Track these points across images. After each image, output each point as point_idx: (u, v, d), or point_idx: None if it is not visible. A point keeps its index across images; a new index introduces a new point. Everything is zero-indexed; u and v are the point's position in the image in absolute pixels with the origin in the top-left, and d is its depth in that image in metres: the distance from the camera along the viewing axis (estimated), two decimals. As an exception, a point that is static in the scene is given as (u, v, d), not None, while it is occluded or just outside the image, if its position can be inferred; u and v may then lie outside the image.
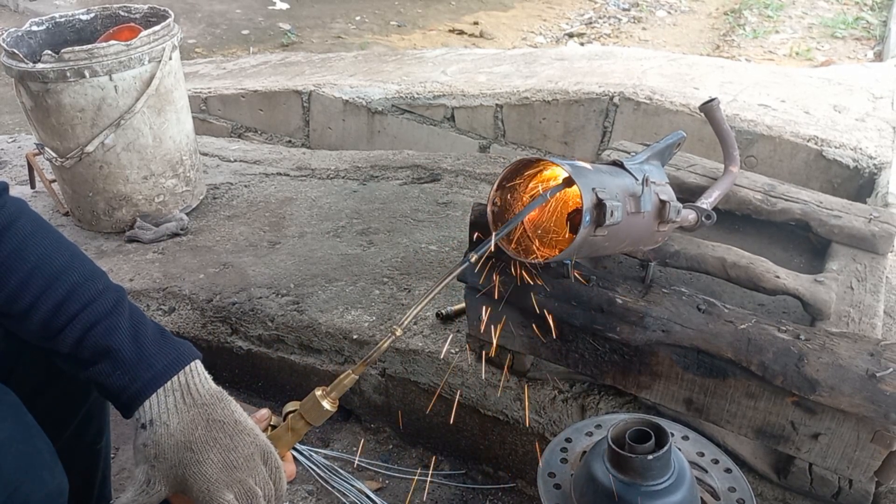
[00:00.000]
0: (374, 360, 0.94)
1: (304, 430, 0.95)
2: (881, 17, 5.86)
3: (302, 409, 0.94)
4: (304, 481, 1.59)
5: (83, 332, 0.85)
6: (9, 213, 0.88)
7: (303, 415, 0.94)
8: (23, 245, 0.87)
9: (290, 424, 0.94)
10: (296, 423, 0.94)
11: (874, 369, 1.05)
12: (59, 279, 0.86)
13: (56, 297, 0.85)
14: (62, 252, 0.89)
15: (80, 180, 2.11)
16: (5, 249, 0.85)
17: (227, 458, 0.85)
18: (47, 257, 0.87)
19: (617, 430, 0.90)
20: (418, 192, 2.33)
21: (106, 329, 0.85)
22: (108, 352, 0.84)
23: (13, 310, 0.85)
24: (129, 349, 0.85)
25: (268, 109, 3.70)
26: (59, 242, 0.90)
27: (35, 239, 0.88)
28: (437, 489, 1.56)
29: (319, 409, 0.93)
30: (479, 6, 6.94)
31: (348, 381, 0.94)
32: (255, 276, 1.89)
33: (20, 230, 0.88)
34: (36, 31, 2.17)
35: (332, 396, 0.94)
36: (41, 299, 0.85)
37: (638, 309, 1.20)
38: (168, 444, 0.84)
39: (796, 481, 1.21)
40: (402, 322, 0.93)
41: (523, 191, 1.15)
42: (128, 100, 2.00)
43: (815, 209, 1.48)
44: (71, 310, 0.85)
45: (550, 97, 3.02)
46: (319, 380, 1.72)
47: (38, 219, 0.92)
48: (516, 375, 1.47)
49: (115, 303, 0.87)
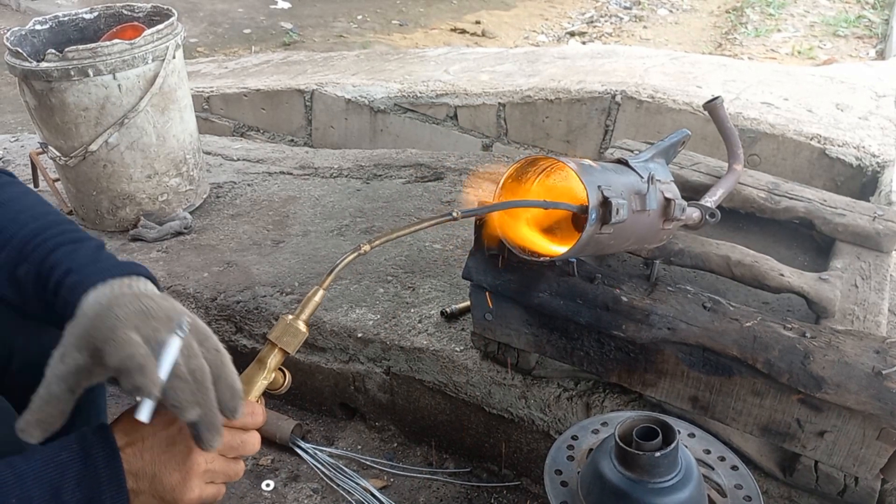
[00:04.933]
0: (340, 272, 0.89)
1: (278, 363, 0.89)
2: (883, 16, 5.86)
3: (273, 337, 0.88)
4: (309, 479, 1.59)
5: (49, 252, 0.89)
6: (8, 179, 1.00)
7: (276, 342, 0.88)
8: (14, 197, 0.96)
9: (261, 357, 0.88)
10: (267, 356, 0.88)
11: (880, 367, 1.05)
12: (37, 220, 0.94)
13: (28, 231, 0.92)
14: (43, 205, 0.99)
15: (83, 179, 2.12)
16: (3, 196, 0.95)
17: (144, 306, 0.78)
18: (28, 207, 0.96)
19: (624, 428, 0.90)
20: (422, 191, 2.33)
21: (72, 249, 0.90)
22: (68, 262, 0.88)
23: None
24: (85, 261, 0.88)
25: (270, 108, 3.70)
26: (42, 201, 1.00)
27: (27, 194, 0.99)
28: (442, 487, 1.56)
29: (294, 333, 0.88)
30: (480, 5, 6.95)
31: (318, 297, 0.90)
32: (259, 275, 1.89)
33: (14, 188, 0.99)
34: (39, 30, 2.17)
35: (304, 317, 0.90)
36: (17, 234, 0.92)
37: (644, 307, 1.20)
38: (88, 308, 0.80)
39: (802, 479, 1.21)
40: (372, 241, 0.91)
41: (528, 190, 1.15)
42: (131, 98, 2.00)
43: (819, 207, 1.48)
44: (44, 237, 0.91)
45: (553, 96, 3.02)
46: (324, 378, 1.72)
47: (29, 189, 1.02)
48: (521, 373, 1.47)
49: (86, 237, 0.94)
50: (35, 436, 0.72)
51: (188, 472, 0.78)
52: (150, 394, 0.72)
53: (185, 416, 0.74)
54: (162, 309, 0.78)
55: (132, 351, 0.72)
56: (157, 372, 0.72)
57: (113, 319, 0.75)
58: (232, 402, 0.78)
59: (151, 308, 0.78)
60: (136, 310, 0.77)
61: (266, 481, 1.58)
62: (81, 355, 0.74)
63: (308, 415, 1.79)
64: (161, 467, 0.77)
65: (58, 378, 0.74)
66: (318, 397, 1.77)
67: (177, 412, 0.74)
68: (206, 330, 0.81)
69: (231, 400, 0.78)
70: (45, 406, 0.73)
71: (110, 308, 0.77)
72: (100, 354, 0.73)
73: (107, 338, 0.73)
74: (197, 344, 0.78)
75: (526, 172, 1.14)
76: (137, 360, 0.72)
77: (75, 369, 0.74)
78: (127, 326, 0.75)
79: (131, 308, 0.77)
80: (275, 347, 0.89)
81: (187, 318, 0.78)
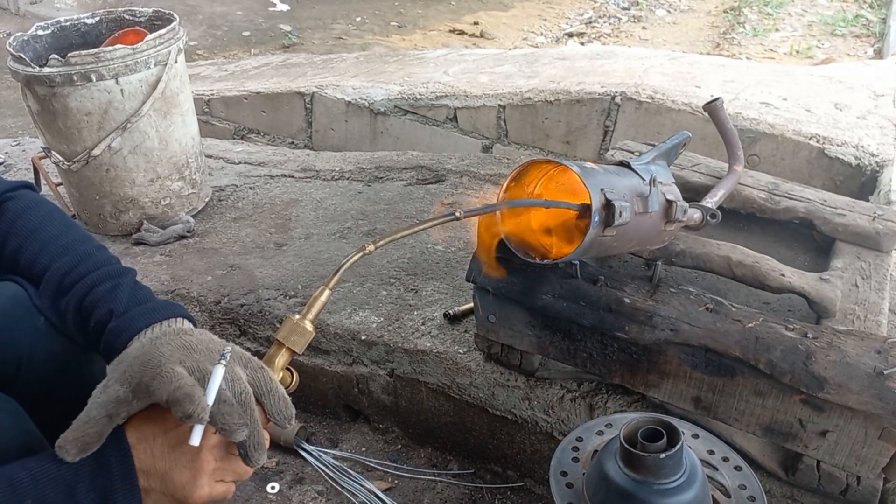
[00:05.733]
0: (345, 272, 0.91)
1: (286, 362, 0.91)
2: (881, 15, 5.87)
3: (281, 337, 0.90)
4: (313, 482, 1.60)
5: (89, 289, 0.93)
6: (32, 199, 1.02)
7: (283, 342, 0.90)
8: (43, 222, 1.00)
9: (269, 357, 0.90)
10: (275, 355, 0.90)
11: (882, 366, 1.06)
12: (73, 248, 0.98)
13: (69, 262, 0.96)
14: (76, 230, 1.02)
15: (86, 183, 2.12)
16: (27, 225, 0.99)
17: (185, 341, 0.83)
18: (63, 232, 0.99)
19: (629, 429, 0.91)
20: (423, 193, 2.34)
21: (111, 287, 0.94)
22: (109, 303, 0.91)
23: (33, 271, 0.97)
24: (126, 302, 0.92)
25: (270, 111, 3.71)
26: (74, 225, 1.03)
27: (54, 218, 1.02)
28: (447, 489, 1.57)
29: (302, 333, 0.90)
30: (479, 6, 6.96)
31: (324, 297, 0.92)
32: (262, 278, 1.90)
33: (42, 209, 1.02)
34: (41, 35, 2.18)
35: (311, 317, 0.91)
36: (55, 262, 0.96)
37: (646, 308, 1.21)
38: (132, 349, 0.84)
39: (804, 478, 1.22)
40: (377, 241, 0.93)
41: (531, 192, 1.16)
42: (134, 103, 2.01)
43: (819, 207, 1.49)
44: (81, 271, 0.95)
45: (553, 97, 3.03)
46: (328, 380, 1.73)
47: (56, 208, 1.05)
48: (524, 375, 1.48)
49: (121, 271, 0.97)
50: (72, 454, 0.75)
51: (198, 470, 0.81)
52: (201, 419, 0.76)
53: (234, 437, 0.79)
54: (202, 342, 0.84)
55: (180, 382, 0.77)
56: (204, 399, 0.77)
57: (158, 357, 0.80)
58: (287, 410, 0.85)
59: (192, 343, 0.83)
60: (179, 345, 0.82)
61: (271, 483, 1.59)
62: (123, 388, 0.79)
63: (312, 417, 1.80)
64: (171, 465, 0.80)
65: (98, 405, 0.78)
66: (322, 400, 1.78)
67: (226, 435, 0.79)
68: (246, 354, 0.86)
69: (286, 409, 0.85)
70: (84, 427, 0.76)
71: (155, 346, 0.82)
72: (146, 390, 0.78)
73: (154, 374, 0.78)
74: (241, 368, 0.83)
75: (528, 175, 1.15)
76: (185, 390, 0.76)
77: (115, 399, 0.78)
78: (172, 362, 0.80)
79: (174, 344, 0.82)
80: (282, 347, 0.90)
81: (228, 347, 0.83)
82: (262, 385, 0.84)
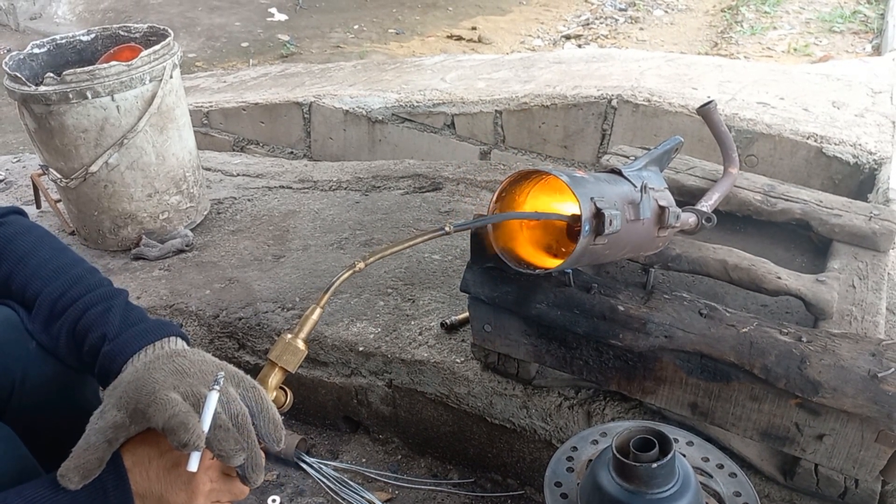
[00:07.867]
0: (335, 290, 0.92)
1: (279, 381, 0.91)
2: (878, 10, 5.85)
3: (273, 357, 0.90)
4: (314, 494, 1.60)
5: (81, 313, 0.94)
6: (22, 225, 1.04)
7: (276, 362, 0.90)
8: (34, 247, 1.01)
9: (262, 377, 0.90)
10: (268, 375, 0.90)
11: (876, 369, 1.06)
12: (64, 272, 0.99)
13: (60, 286, 0.97)
14: (67, 254, 1.03)
15: (85, 200, 2.13)
16: (18, 250, 0.99)
17: (179, 365, 0.84)
18: (54, 256, 1.01)
19: (621, 439, 0.90)
20: (420, 202, 2.34)
21: (103, 310, 0.94)
22: (101, 327, 0.92)
23: (25, 295, 0.98)
24: (118, 325, 0.92)
25: (269, 122, 3.72)
26: (65, 248, 1.04)
27: (44, 242, 1.03)
28: (447, 498, 1.57)
29: (294, 351, 0.90)
30: (476, 11, 6.96)
31: (316, 315, 0.93)
32: (260, 291, 1.90)
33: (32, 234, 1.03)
34: (37, 54, 2.19)
35: (303, 336, 0.91)
36: (47, 287, 0.97)
37: (640, 315, 1.21)
38: (127, 374, 0.85)
39: (803, 482, 1.21)
40: (367, 258, 0.94)
41: (522, 202, 1.16)
42: (130, 119, 2.02)
43: (815, 208, 1.49)
44: (72, 295, 0.96)
45: (549, 102, 3.03)
46: (327, 392, 1.73)
47: (47, 232, 1.06)
48: (522, 383, 1.47)
49: (113, 293, 0.98)
50: (74, 482, 0.76)
51: (193, 492, 0.82)
52: (197, 447, 0.77)
53: (232, 463, 0.79)
54: (195, 364, 0.85)
55: (175, 410, 0.77)
56: (200, 426, 0.77)
57: (152, 384, 0.81)
58: (276, 433, 0.85)
59: (185, 367, 0.84)
60: (172, 370, 0.83)
61: (272, 497, 1.59)
62: (119, 413, 0.80)
63: (312, 429, 1.80)
64: (167, 487, 0.81)
65: (97, 431, 0.79)
66: (321, 411, 1.78)
67: (224, 460, 0.79)
68: (239, 373, 0.87)
69: (275, 432, 0.85)
70: (84, 454, 0.77)
71: (148, 372, 0.82)
72: (143, 415, 0.79)
73: (149, 402, 0.79)
74: (234, 388, 0.84)
75: (519, 185, 1.15)
76: (180, 417, 0.77)
77: (113, 424, 0.79)
78: (166, 388, 0.80)
79: (167, 369, 0.83)
80: (275, 366, 0.91)
81: (221, 370, 0.84)
82: (254, 405, 0.84)
